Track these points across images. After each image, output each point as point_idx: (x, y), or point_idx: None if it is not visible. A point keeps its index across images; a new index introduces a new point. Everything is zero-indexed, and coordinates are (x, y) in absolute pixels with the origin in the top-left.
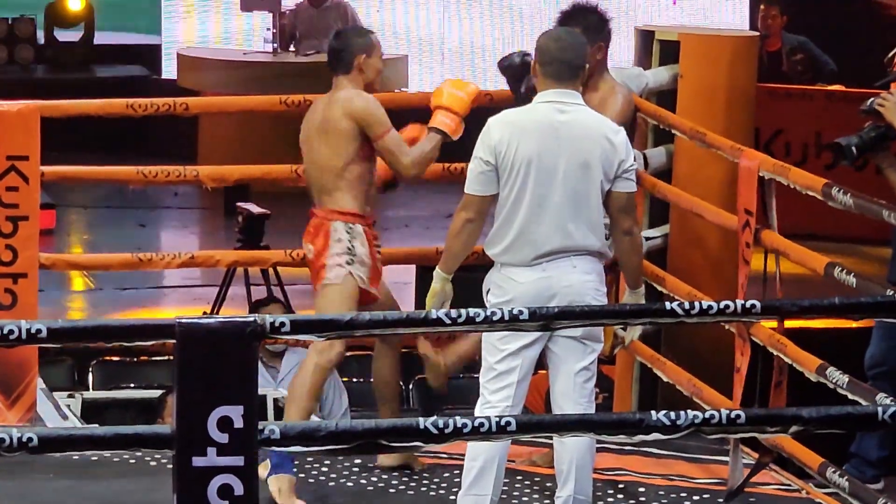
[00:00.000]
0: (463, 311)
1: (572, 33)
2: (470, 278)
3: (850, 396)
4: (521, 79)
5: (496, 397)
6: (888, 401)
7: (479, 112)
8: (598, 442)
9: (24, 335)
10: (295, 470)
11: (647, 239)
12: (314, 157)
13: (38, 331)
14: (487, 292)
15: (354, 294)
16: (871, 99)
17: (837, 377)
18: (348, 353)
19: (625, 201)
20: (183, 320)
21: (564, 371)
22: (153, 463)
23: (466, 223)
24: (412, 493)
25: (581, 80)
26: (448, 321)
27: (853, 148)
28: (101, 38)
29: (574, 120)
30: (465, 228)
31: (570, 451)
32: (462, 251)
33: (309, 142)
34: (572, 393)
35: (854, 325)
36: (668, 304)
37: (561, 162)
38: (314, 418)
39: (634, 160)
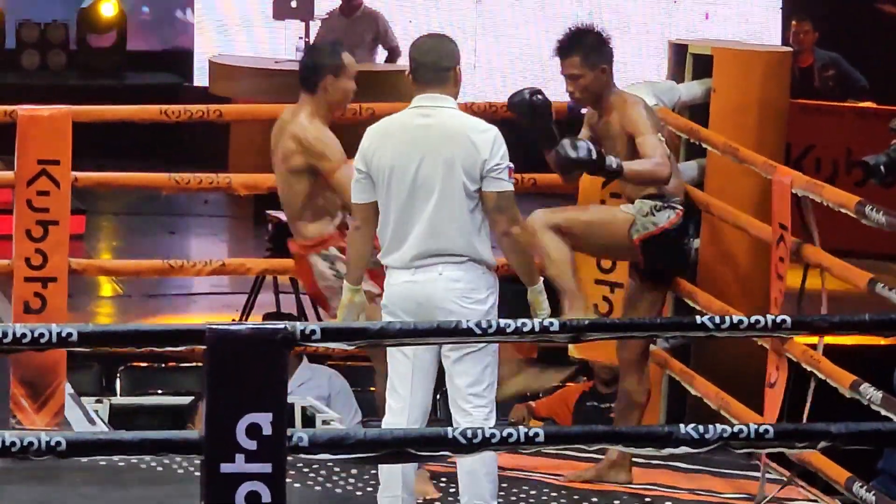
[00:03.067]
0: (494, 321)
1: (436, 38)
2: (523, 290)
3: (884, 413)
4: (533, 116)
5: (393, 399)
6: None
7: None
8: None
9: (55, 339)
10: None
11: None
12: (279, 183)
13: (69, 334)
14: None
15: (366, 305)
16: None
17: (871, 393)
18: (362, 364)
19: (496, 201)
20: (214, 326)
21: (449, 380)
22: (180, 471)
23: (355, 231)
24: None
25: (452, 82)
26: (479, 332)
27: (881, 167)
28: (133, 44)
29: (436, 123)
30: (354, 236)
31: (464, 463)
32: (356, 258)
33: (274, 163)
34: (458, 397)
35: (884, 342)
36: (698, 318)
37: (422, 165)
38: (336, 426)
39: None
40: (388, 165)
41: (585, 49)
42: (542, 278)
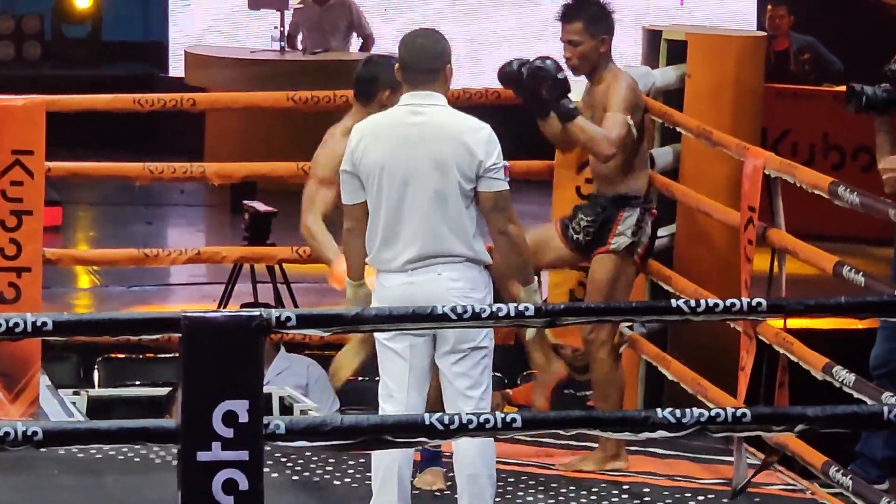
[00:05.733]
0: (469, 307)
1: (428, 34)
2: None
3: (857, 395)
4: (523, 85)
5: (388, 404)
6: (893, 400)
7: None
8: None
9: (29, 328)
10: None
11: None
12: None
13: (44, 324)
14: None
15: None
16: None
17: (844, 376)
18: None
19: (493, 201)
20: (189, 314)
21: (446, 382)
22: (157, 460)
23: (349, 232)
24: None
25: (443, 80)
26: (454, 317)
27: (864, 96)
28: (108, 35)
29: (429, 121)
30: (348, 237)
31: (465, 466)
32: (354, 257)
33: None
34: (457, 399)
35: (861, 325)
36: (673, 302)
37: (414, 165)
38: (314, 415)
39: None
40: (377, 164)
41: (589, 16)
42: (536, 278)
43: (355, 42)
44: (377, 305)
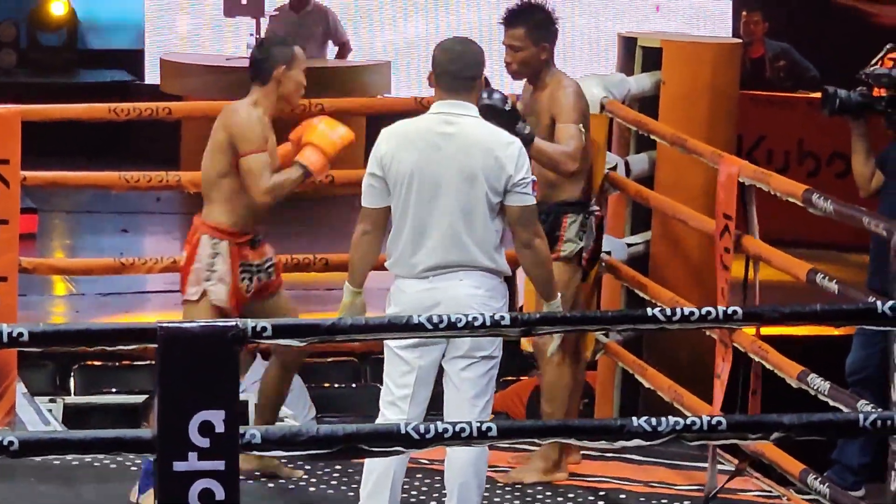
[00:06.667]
0: (445, 316)
1: (465, 43)
2: None
3: (832, 403)
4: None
5: (390, 411)
6: (869, 408)
7: None
8: (582, 449)
9: (5, 339)
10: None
11: (629, 245)
12: (203, 160)
13: (20, 334)
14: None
15: (209, 313)
16: (874, 68)
17: (819, 384)
18: (315, 360)
19: (519, 214)
20: (165, 324)
21: (452, 387)
22: (133, 468)
23: (363, 235)
24: None
25: (476, 90)
26: (430, 327)
27: (838, 99)
28: (84, 42)
29: (460, 132)
30: (362, 240)
31: (456, 473)
32: (361, 262)
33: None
34: (462, 406)
35: (836, 332)
36: (649, 311)
37: (444, 174)
38: (290, 422)
39: (531, 173)
40: (407, 171)
41: (531, 23)
42: (559, 294)
43: (332, 49)
44: (395, 310)
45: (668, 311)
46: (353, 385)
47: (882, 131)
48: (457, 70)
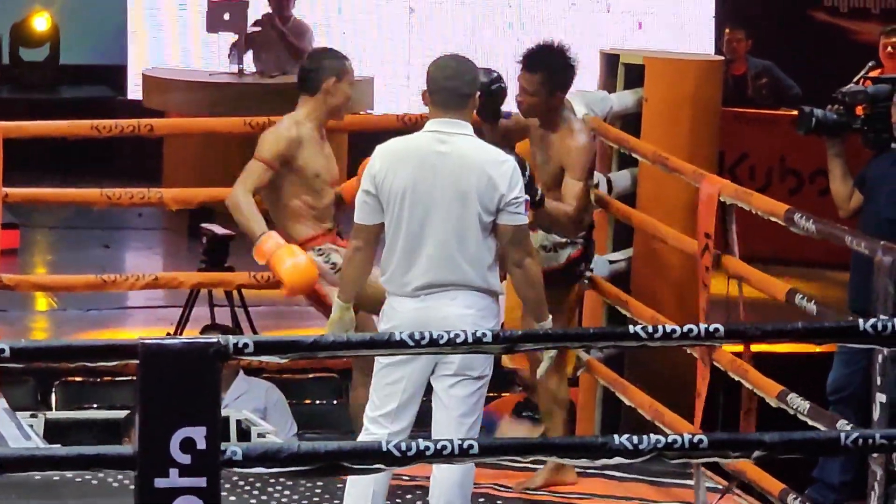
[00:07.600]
0: (427, 333)
1: (460, 60)
2: None
3: (811, 423)
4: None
5: (375, 427)
6: (850, 426)
7: None
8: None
9: None
10: None
11: (611, 262)
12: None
13: (2, 350)
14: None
15: (355, 324)
16: (850, 87)
17: (798, 403)
18: (298, 376)
19: (511, 234)
20: (146, 341)
21: (440, 405)
22: (115, 484)
23: (356, 251)
24: None
25: (471, 108)
26: (412, 343)
27: (813, 118)
28: (66, 57)
29: (453, 151)
30: (354, 256)
31: (442, 492)
32: (354, 278)
33: None
34: (449, 424)
35: (817, 349)
36: (631, 328)
37: (437, 193)
38: (272, 438)
39: (525, 192)
40: (400, 189)
41: (549, 71)
42: (550, 316)
43: None
44: (387, 328)
45: (650, 329)
46: (335, 401)
47: (859, 150)
48: (451, 87)
